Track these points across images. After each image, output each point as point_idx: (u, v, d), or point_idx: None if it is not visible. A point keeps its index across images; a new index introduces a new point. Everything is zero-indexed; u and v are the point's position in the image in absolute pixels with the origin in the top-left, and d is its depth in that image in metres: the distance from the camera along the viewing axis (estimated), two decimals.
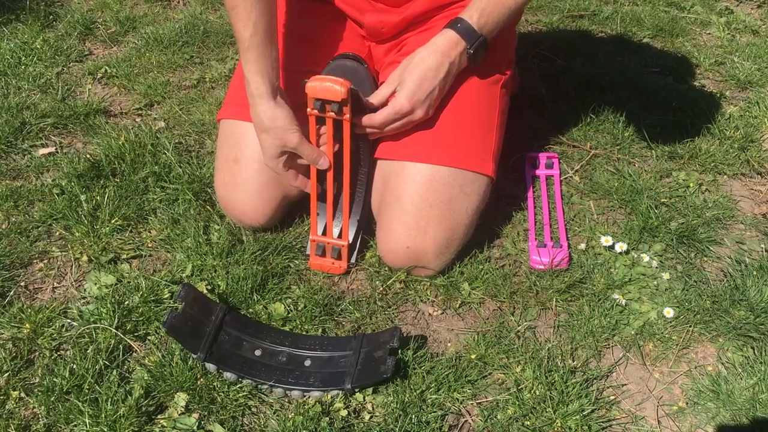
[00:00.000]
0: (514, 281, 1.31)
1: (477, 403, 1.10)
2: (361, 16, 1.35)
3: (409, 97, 1.20)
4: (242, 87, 1.35)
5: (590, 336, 1.20)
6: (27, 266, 1.32)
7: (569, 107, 1.77)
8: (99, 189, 1.46)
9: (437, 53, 1.20)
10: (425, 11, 1.31)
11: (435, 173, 1.24)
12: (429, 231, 1.24)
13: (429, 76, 1.20)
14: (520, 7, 1.24)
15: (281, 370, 1.13)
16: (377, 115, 1.21)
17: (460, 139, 1.27)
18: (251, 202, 1.31)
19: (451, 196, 1.25)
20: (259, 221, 1.34)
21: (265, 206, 1.32)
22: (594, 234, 1.40)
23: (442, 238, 1.25)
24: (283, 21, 1.35)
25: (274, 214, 1.34)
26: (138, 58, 1.96)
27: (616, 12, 2.25)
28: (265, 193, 1.31)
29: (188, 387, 1.09)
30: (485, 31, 1.22)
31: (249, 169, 1.30)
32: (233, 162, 1.31)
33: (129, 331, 1.17)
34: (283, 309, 1.22)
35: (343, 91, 1.14)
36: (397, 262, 1.28)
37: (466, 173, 1.26)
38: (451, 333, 1.23)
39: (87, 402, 1.05)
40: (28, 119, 1.67)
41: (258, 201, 1.31)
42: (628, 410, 1.10)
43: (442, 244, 1.26)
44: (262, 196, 1.31)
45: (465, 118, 1.28)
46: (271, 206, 1.33)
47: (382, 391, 1.10)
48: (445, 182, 1.25)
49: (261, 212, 1.32)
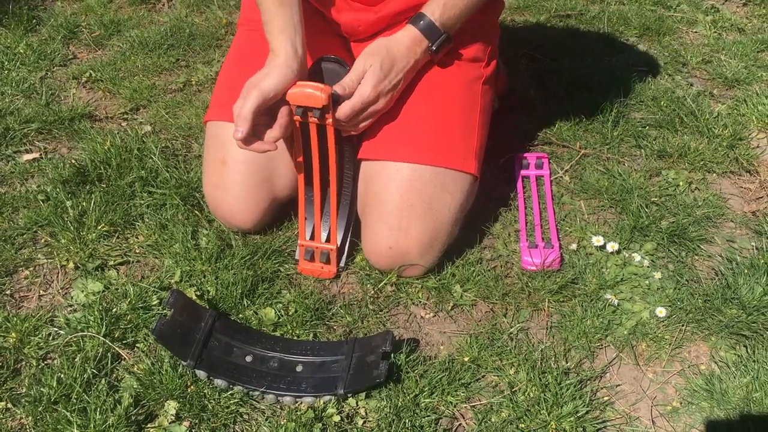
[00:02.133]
0: (506, 282, 1.30)
1: (471, 407, 1.09)
2: (337, 14, 1.33)
3: (375, 85, 1.18)
4: (228, 87, 1.34)
5: (583, 337, 1.20)
6: (12, 274, 1.30)
7: (558, 107, 1.77)
8: (85, 195, 1.44)
9: (401, 45, 1.21)
10: (402, 11, 1.30)
11: (415, 172, 1.23)
12: (411, 231, 1.23)
13: (396, 67, 1.20)
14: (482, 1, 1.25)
15: (273, 376, 1.11)
16: (343, 107, 1.17)
17: (441, 138, 1.26)
18: (239, 204, 1.30)
19: (432, 195, 1.24)
20: (247, 223, 1.32)
21: (254, 208, 1.31)
22: (585, 234, 1.39)
23: (426, 237, 1.24)
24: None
25: (262, 216, 1.33)
26: (123, 62, 1.94)
27: (603, 11, 2.26)
28: (254, 195, 1.30)
29: (178, 395, 1.07)
30: (448, 26, 1.23)
31: (237, 171, 1.28)
32: (221, 164, 1.29)
33: (117, 338, 1.16)
34: (274, 314, 1.21)
35: (324, 97, 1.12)
36: (381, 263, 1.28)
37: (447, 172, 1.25)
38: (443, 336, 1.22)
39: (75, 412, 1.03)
40: (11, 125, 1.65)
41: (246, 203, 1.30)
42: (623, 411, 1.10)
43: (426, 244, 1.25)
44: (251, 198, 1.30)
45: (446, 116, 1.27)
46: (260, 208, 1.31)
47: (375, 395, 1.09)
48: (426, 181, 1.24)
49: (249, 214, 1.31)
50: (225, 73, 1.38)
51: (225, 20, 2.14)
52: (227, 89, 1.33)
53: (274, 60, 1.13)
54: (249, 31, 1.37)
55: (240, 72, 1.34)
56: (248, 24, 1.38)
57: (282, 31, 1.14)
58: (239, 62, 1.36)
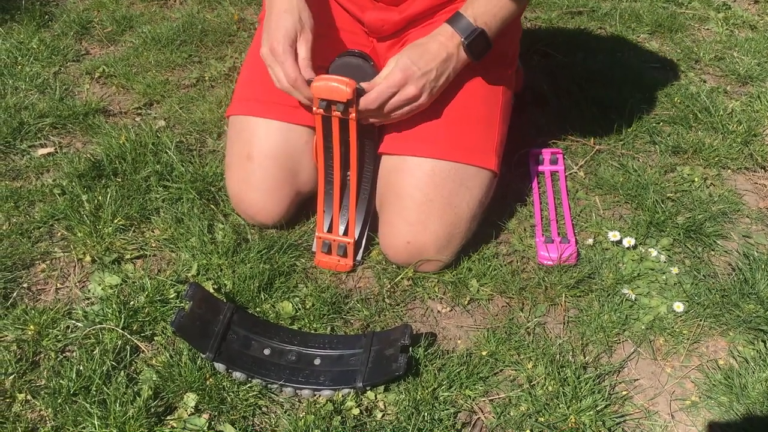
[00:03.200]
0: (523, 277, 1.30)
1: (489, 400, 1.09)
2: (361, 13, 1.34)
3: (404, 69, 1.15)
4: (250, 82, 1.35)
5: (601, 331, 1.20)
6: (29, 267, 1.30)
7: (571, 103, 1.77)
8: (101, 189, 1.44)
9: (435, 41, 1.19)
10: (425, 9, 1.30)
11: (435, 168, 1.23)
12: (429, 226, 1.23)
13: (426, 56, 1.17)
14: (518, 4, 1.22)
15: (291, 369, 1.11)
16: (372, 93, 1.16)
17: (462, 134, 1.26)
18: (265, 200, 1.30)
19: (452, 191, 1.24)
20: (272, 219, 1.33)
21: (279, 204, 1.31)
22: (601, 229, 1.39)
23: (443, 232, 1.24)
24: None
25: (286, 211, 1.33)
26: (136, 58, 1.94)
27: (615, 8, 2.25)
28: (279, 190, 1.30)
29: (197, 387, 1.07)
30: (481, 23, 1.19)
31: (263, 167, 1.28)
32: (246, 159, 1.30)
33: (135, 331, 1.16)
34: (291, 308, 1.21)
35: (349, 91, 1.12)
36: (398, 258, 1.28)
37: (467, 168, 1.25)
38: (460, 330, 1.22)
39: (95, 404, 1.03)
40: (26, 119, 1.65)
41: (272, 199, 1.30)
42: (641, 405, 1.10)
43: (443, 239, 1.25)
44: (276, 194, 1.30)
45: (467, 112, 1.27)
46: (285, 204, 1.32)
47: (394, 389, 1.09)
48: (445, 177, 1.24)
49: (275, 210, 1.32)
50: (247, 68, 1.38)
51: (237, 16, 2.14)
52: (249, 84, 1.34)
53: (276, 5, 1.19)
54: None
55: (262, 68, 1.34)
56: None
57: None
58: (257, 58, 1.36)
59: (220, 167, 1.50)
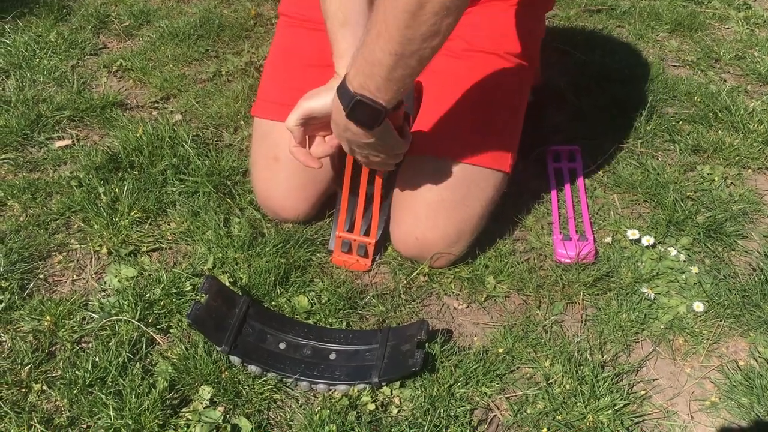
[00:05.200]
0: (540, 275, 1.29)
1: (506, 398, 1.08)
2: None
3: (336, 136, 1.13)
4: (275, 82, 1.36)
5: (619, 330, 1.18)
6: (46, 258, 1.30)
7: (589, 101, 1.75)
8: (117, 181, 1.44)
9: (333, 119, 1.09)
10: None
11: (448, 168, 1.23)
12: (439, 224, 1.23)
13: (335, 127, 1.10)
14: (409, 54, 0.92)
15: (306, 363, 1.11)
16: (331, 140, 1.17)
17: (478, 134, 1.25)
18: (290, 199, 1.32)
19: (464, 191, 1.24)
20: (297, 216, 1.35)
21: (304, 203, 1.33)
22: (619, 227, 1.38)
23: (453, 230, 1.24)
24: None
25: (312, 209, 1.36)
26: (153, 52, 1.94)
27: (634, 6, 2.23)
28: (304, 191, 1.32)
29: (213, 380, 1.07)
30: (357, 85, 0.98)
31: (289, 168, 1.29)
32: (273, 160, 1.31)
33: (151, 323, 1.16)
34: (307, 302, 1.20)
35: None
36: (408, 252, 1.28)
37: (481, 169, 1.25)
38: (476, 327, 1.21)
39: (111, 395, 1.03)
40: (44, 112, 1.66)
41: (298, 197, 1.32)
42: (660, 405, 1.08)
43: (453, 237, 1.25)
44: (301, 195, 1.32)
45: (484, 112, 1.26)
46: (311, 202, 1.34)
47: (410, 385, 1.08)
48: (459, 177, 1.24)
49: (299, 208, 1.33)
50: (270, 67, 1.39)
51: (254, 11, 2.14)
52: (275, 84, 1.36)
53: (335, 82, 1.10)
54: (290, 26, 1.38)
55: (284, 67, 1.35)
56: (289, 15, 1.38)
57: (344, 55, 1.13)
58: (283, 57, 1.37)
59: (236, 161, 1.50)
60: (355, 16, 1.13)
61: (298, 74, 1.34)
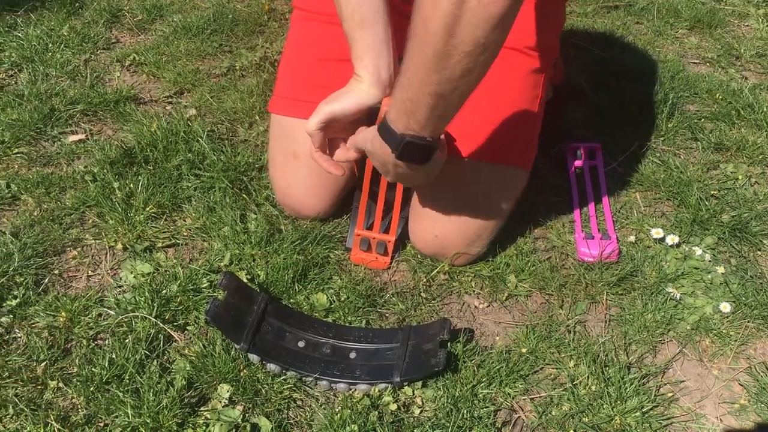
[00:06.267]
0: (562, 273, 1.26)
1: (530, 399, 1.06)
2: None
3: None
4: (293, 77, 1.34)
5: (644, 331, 1.16)
6: (60, 254, 1.28)
7: (609, 97, 1.73)
8: (132, 176, 1.42)
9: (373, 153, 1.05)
10: None
11: (468, 167, 1.21)
12: (458, 222, 1.21)
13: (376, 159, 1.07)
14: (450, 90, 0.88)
15: (326, 362, 1.09)
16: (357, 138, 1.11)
17: (498, 133, 1.23)
18: (310, 196, 1.31)
19: (483, 190, 1.22)
20: (316, 213, 1.33)
21: (324, 201, 1.31)
22: (642, 226, 1.35)
23: (473, 229, 1.22)
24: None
25: (331, 207, 1.34)
26: (166, 46, 1.92)
27: (652, 3, 2.20)
28: (324, 189, 1.30)
29: (231, 378, 1.05)
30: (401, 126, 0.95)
31: (309, 166, 1.26)
32: (292, 158, 1.29)
33: (167, 320, 1.14)
34: (326, 300, 1.18)
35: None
36: (427, 250, 1.27)
37: (502, 168, 1.23)
38: (498, 326, 1.19)
39: (128, 393, 1.01)
40: (57, 106, 1.64)
41: (317, 197, 1.31)
42: (688, 408, 1.06)
43: (472, 235, 1.23)
44: (321, 192, 1.30)
45: (504, 110, 1.24)
46: (330, 201, 1.32)
47: (432, 385, 1.06)
48: (479, 176, 1.22)
49: (319, 205, 1.32)
50: (285, 62, 1.37)
51: (267, 6, 2.12)
52: (292, 80, 1.33)
53: (355, 83, 1.09)
54: (305, 20, 1.35)
55: (300, 61, 1.33)
56: (304, 8, 1.35)
57: (362, 56, 1.09)
58: (299, 51, 1.34)
59: (252, 157, 1.48)
60: (372, 15, 1.09)
61: (315, 69, 1.31)
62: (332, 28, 1.29)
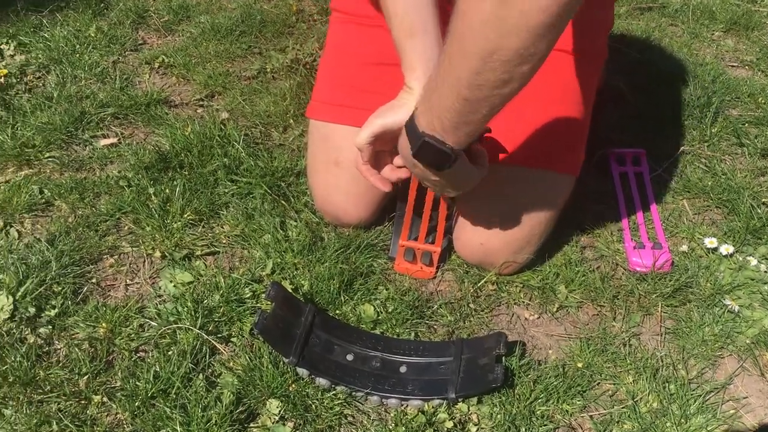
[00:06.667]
0: (613, 284, 1.23)
1: (589, 416, 1.02)
2: None
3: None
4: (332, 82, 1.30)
5: (702, 345, 1.12)
6: (97, 262, 1.25)
7: (649, 101, 1.69)
8: (167, 182, 1.39)
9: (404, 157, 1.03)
10: None
11: (515, 173, 1.17)
12: (505, 230, 1.18)
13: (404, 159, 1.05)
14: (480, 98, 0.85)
15: (376, 376, 1.05)
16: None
17: (546, 139, 1.19)
18: (353, 204, 1.27)
19: (531, 196, 1.19)
20: (358, 221, 1.29)
21: (366, 208, 1.28)
22: (693, 235, 1.31)
23: (519, 237, 1.18)
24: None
25: (373, 215, 1.30)
26: (195, 48, 1.89)
27: (687, 5, 2.16)
28: (367, 197, 1.27)
29: (280, 394, 1.01)
30: (425, 124, 0.92)
31: (351, 173, 1.22)
32: (334, 165, 1.26)
33: (211, 332, 1.10)
34: (373, 311, 1.15)
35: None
36: (472, 258, 1.23)
37: (550, 174, 1.19)
38: (550, 339, 1.15)
39: (175, 408, 0.98)
40: (87, 109, 1.61)
41: (359, 205, 1.27)
42: (752, 425, 1.02)
43: (519, 244, 1.19)
44: (363, 200, 1.27)
45: (549, 114, 1.20)
46: (372, 208, 1.29)
47: (487, 401, 1.02)
48: (527, 182, 1.18)
49: (361, 213, 1.28)
50: (324, 67, 1.33)
51: (295, 7, 2.09)
52: (332, 85, 1.30)
53: (406, 95, 1.05)
54: (344, 23, 1.31)
55: (340, 66, 1.30)
56: (343, 11, 1.32)
57: (414, 66, 1.05)
58: (338, 55, 1.31)
59: (289, 162, 1.45)
60: (422, 24, 1.05)
61: (355, 73, 1.28)
62: (372, 30, 1.25)
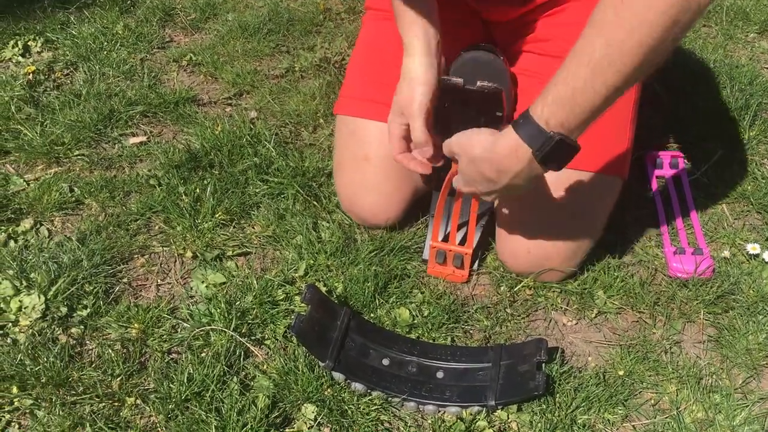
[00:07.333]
0: (653, 290, 1.20)
1: (632, 426, 1.00)
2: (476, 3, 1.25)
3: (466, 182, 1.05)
4: (362, 78, 1.28)
5: (746, 354, 1.09)
6: (128, 261, 1.24)
7: (686, 103, 1.65)
8: (198, 181, 1.37)
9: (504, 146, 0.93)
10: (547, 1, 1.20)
11: (563, 177, 1.13)
12: (555, 236, 1.15)
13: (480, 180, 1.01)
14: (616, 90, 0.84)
15: (412, 381, 1.03)
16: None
17: (596, 140, 1.15)
18: (383, 203, 1.24)
19: (581, 201, 1.15)
20: (387, 221, 1.26)
21: (396, 206, 1.24)
22: (734, 240, 1.28)
23: (571, 243, 1.16)
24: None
25: (401, 214, 1.27)
26: (222, 46, 1.88)
27: (720, 6, 2.12)
28: (397, 193, 1.23)
29: (316, 398, 0.99)
30: (555, 124, 0.88)
31: (381, 168, 1.20)
32: (363, 160, 1.23)
33: (244, 334, 1.09)
34: (408, 315, 1.13)
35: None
36: (518, 267, 1.19)
37: (600, 177, 1.16)
38: (589, 345, 1.12)
39: (210, 411, 0.96)
40: (116, 106, 1.60)
41: (388, 201, 1.24)
42: None
43: (570, 250, 1.16)
44: (393, 197, 1.24)
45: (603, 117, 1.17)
46: (402, 206, 1.25)
47: (527, 409, 1.00)
48: (577, 186, 1.15)
49: (390, 212, 1.25)
50: (356, 63, 1.31)
51: (322, 6, 2.07)
52: (361, 81, 1.28)
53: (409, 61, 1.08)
54: (378, 20, 1.29)
55: (372, 62, 1.28)
56: (377, 8, 1.30)
57: (411, 25, 1.08)
58: (370, 52, 1.29)
59: (321, 162, 1.43)
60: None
61: (387, 68, 1.25)
62: None
